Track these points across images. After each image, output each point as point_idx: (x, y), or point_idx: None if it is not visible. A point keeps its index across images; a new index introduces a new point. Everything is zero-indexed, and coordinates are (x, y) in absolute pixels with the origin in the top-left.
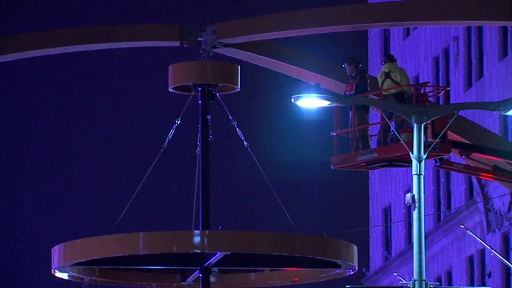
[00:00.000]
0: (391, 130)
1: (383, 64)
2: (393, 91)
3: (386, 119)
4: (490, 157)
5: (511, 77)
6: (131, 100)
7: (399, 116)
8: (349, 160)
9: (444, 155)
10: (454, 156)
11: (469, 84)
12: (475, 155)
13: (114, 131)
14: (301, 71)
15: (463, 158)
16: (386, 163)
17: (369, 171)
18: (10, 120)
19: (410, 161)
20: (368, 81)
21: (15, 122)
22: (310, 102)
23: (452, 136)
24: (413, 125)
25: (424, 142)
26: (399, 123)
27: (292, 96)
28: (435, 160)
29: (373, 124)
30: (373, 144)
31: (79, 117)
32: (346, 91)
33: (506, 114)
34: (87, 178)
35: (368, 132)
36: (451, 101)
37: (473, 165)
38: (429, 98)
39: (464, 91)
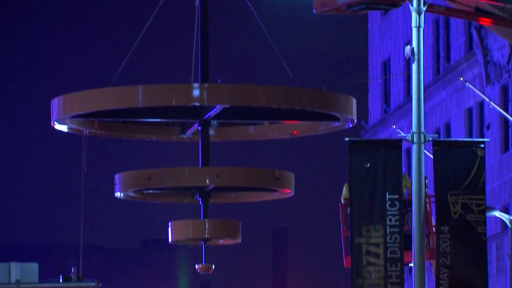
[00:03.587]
0: None
1: None
2: None
3: None
4: None
5: None
6: None
7: None
8: (330, 3)
9: None
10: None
11: None
12: None
13: None
14: None
15: (445, 0)
16: (365, 6)
17: (369, 24)
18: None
19: (389, 4)
20: None
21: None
22: None
23: None
24: None
25: None
26: None
27: None
28: None
29: None
30: None
31: None
32: None
33: None
34: (87, 30)
35: None
36: None
37: (455, 7)
38: None
39: None
